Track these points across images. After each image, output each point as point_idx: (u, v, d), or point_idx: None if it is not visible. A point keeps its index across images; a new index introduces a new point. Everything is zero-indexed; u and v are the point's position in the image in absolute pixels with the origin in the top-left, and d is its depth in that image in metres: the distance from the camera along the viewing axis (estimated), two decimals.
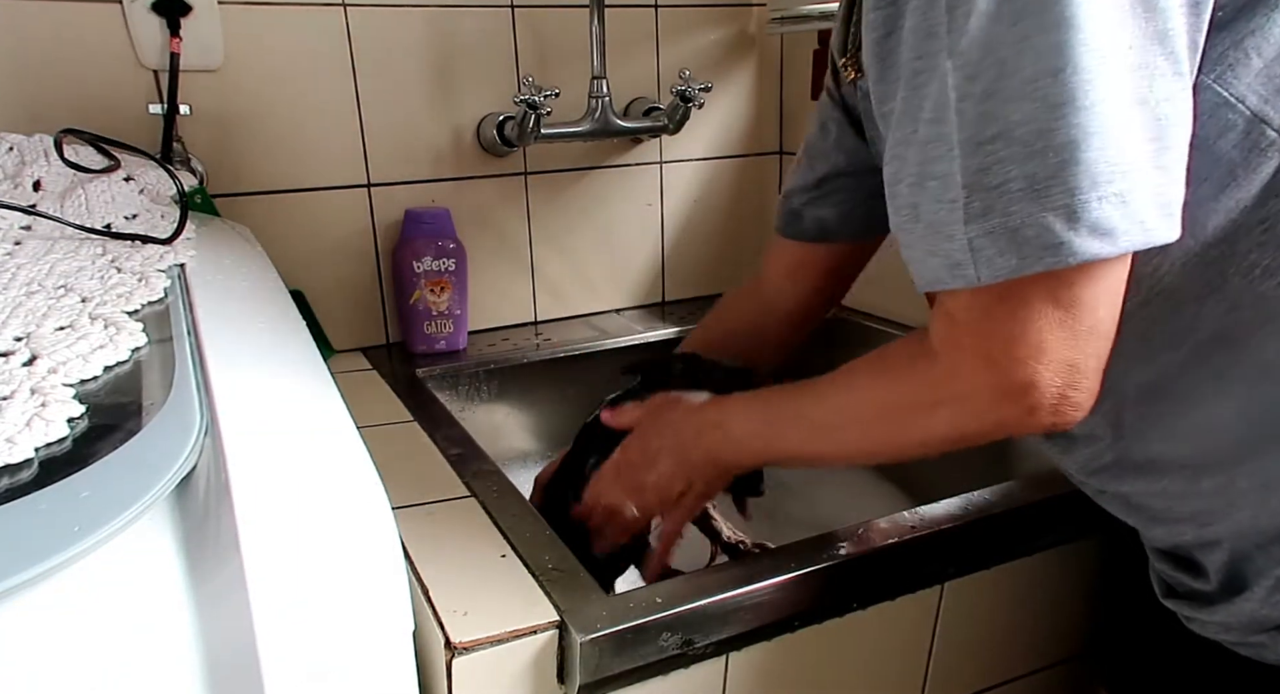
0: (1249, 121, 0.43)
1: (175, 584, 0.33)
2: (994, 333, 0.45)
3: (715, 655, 0.60)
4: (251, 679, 0.32)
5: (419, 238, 1.06)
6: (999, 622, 0.73)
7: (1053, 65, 0.38)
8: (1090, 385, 0.45)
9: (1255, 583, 0.50)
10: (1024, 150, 0.39)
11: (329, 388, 0.46)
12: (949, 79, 0.41)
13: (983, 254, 0.42)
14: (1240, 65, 0.42)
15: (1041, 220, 0.40)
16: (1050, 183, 0.39)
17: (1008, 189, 0.40)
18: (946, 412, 0.50)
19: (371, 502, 0.36)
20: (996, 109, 0.40)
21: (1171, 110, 0.40)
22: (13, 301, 0.51)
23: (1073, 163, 0.39)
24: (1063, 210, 0.39)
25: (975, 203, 0.41)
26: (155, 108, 0.92)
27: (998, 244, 0.41)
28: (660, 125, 1.14)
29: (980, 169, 0.41)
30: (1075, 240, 0.40)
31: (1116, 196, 0.39)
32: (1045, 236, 0.40)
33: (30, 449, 0.34)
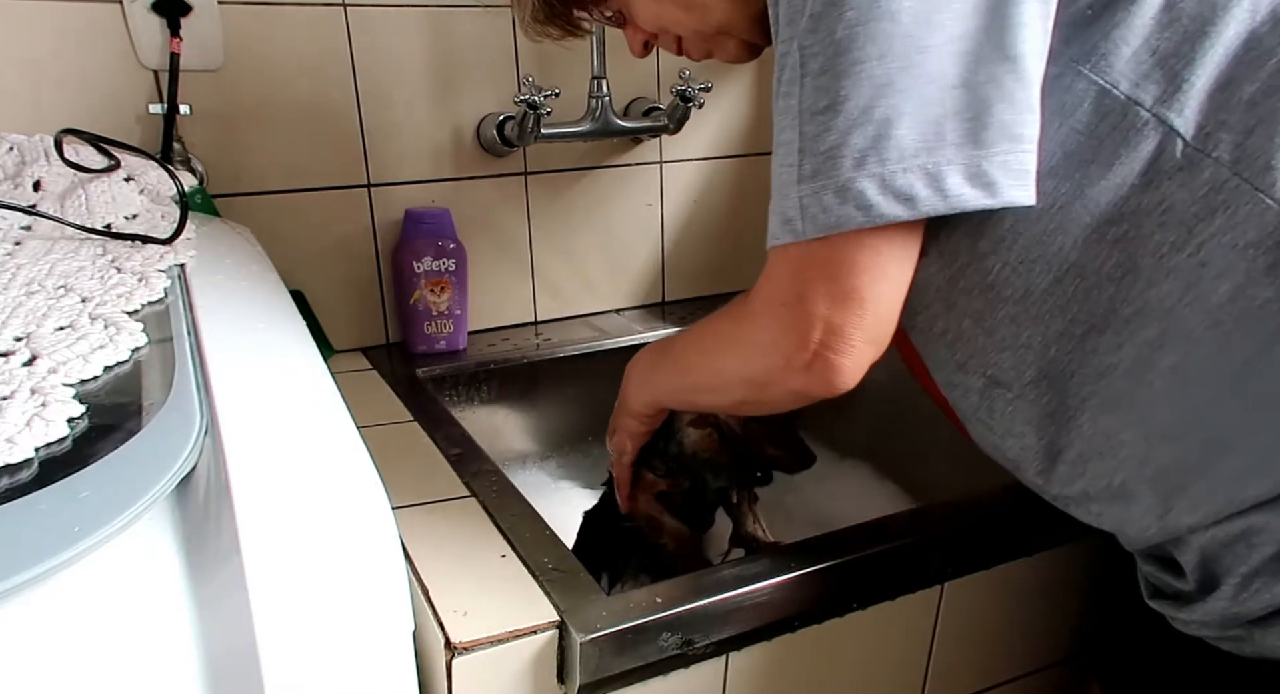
0: (1124, 105, 0.47)
1: (175, 584, 0.33)
2: (779, 284, 0.53)
3: (715, 655, 0.60)
4: (251, 679, 0.32)
5: (419, 238, 1.06)
6: (999, 622, 0.73)
7: (876, 51, 0.45)
8: (854, 357, 0.51)
9: (1224, 581, 0.51)
10: (848, 122, 0.46)
11: (329, 388, 0.46)
12: (797, 57, 0.48)
13: (809, 211, 0.48)
14: (1112, 54, 0.47)
15: (858, 185, 0.46)
16: (868, 153, 0.46)
17: (833, 155, 0.47)
18: (739, 350, 0.58)
19: (371, 502, 0.36)
20: (829, 84, 0.46)
21: (995, 91, 0.45)
22: (13, 302, 0.51)
23: (886, 137, 0.45)
24: (876, 178, 0.46)
25: (807, 165, 0.48)
26: (155, 108, 0.92)
27: (822, 202, 0.48)
28: (660, 125, 1.14)
29: (813, 136, 0.47)
30: (883, 204, 0.46)
31: (921, 168, 0.46)
32: (860, 199, 0.46)
33: (30, 449, 0.34)
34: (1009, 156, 0.46)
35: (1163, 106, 0.47)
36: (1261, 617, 0.50)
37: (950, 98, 0.45)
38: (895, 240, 0.49)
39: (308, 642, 0.33)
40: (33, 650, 0.29)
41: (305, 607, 0.33)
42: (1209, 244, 0.46)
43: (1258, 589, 0.49)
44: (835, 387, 0.53)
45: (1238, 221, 0.45)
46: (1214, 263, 0.46)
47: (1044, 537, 0.71)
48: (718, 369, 0.61)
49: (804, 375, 0.53)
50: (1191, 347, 0.48)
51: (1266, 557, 0.48)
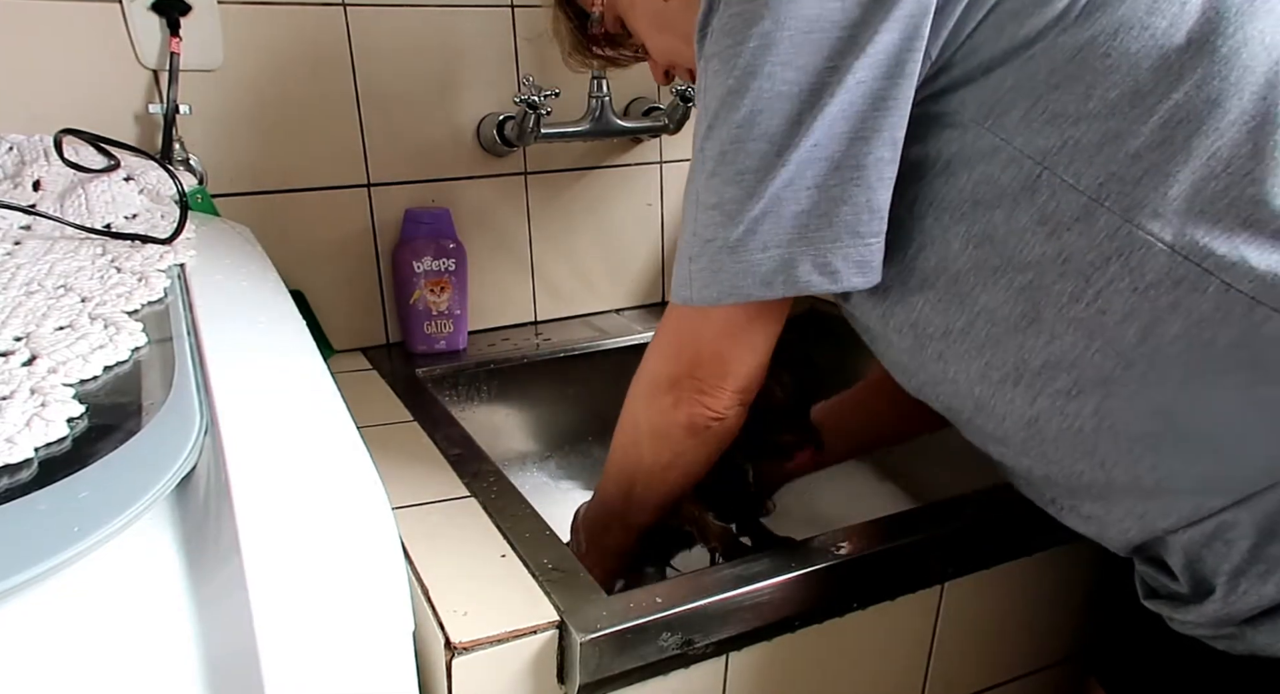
0: (1019, 159, 0.51)
1: (175, 584, 0.33)
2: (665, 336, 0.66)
3: (715, 655, 0.60)
4: (251, 679, 0.32)
5: (419, 238, 1.06)
6: (999, 622, 0.73)
7: (752, 164, 0.53)
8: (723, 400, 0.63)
9: (1214, 582, 0.52)
10: (728, 219, 0.54)
11: (329, 388, 0.46)
12: (698, 157, 0.56)
13: (695, 284, 0.57)
14: (1006, 115, 0.51)
15: (732, 269, 0.55)
16: (741, 245, 0.54)
17: (714, 244, 0.55)
18: (642, 400, 0.68)
19: (371, 502, 0.36)
20: (717, 186, 0.54)
21: (841, 194, 0.52)
22: (12, 301, 0.51)
23: (752, 233, 0.53)
24: (745, 264, 0.54)
25: (696, 247, 0.56)
26: (155, 108, 0.92)
27: (704, 278, 0.56)
28: (660, 125, 1.14)
29: (704, 224, 0.56)
30: (749, 286, 0.54)
31: (779, 259, 0.53)
32: (734, 281, 0.55)
33: (30, 449, 0.34)
34: (849, 250, 0.53)
35: (1052, 161, 0.50)
36: (1251, 617, 0.51)
37: (806, 198, 0.52)
38: (759, 312, 0.59)
39: (308, 642, 0.33)
40: (33, 650, 0.29)
41: (305, 607, 0.33)
42: (1107, 291, 0.49)
43: (1245, 591, 0.50)
44: (710, 419, 0.64)
45: (1133, 266, 0.48)
46: (1115, 308, 0.49)
47: (1044, 537, 0.70)
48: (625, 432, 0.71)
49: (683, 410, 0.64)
50: (1110, 389, 0.50)
51: (1244, 551, 0.50)
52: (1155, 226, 0.48)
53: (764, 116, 0.52)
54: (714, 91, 0.54)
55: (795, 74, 0.51)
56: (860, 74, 0.50)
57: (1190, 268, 0.47)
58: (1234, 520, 0.50)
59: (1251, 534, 0.49)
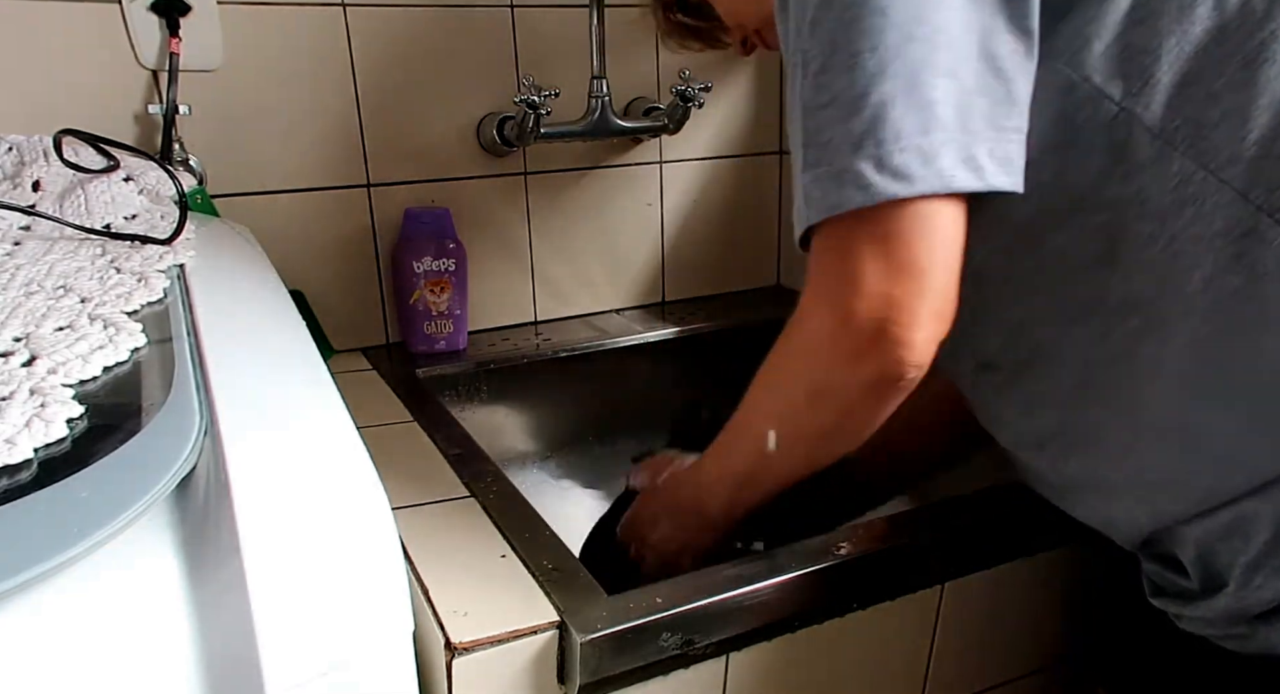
0: (1095, 98, 0.49)
1: (175, 584, 0.33)
2: (826, 273, 0.52)
3: (715, 655, 0.60)
4: (251, 679, 0.32)
5: (419, 238, 1.05)
6: (999, 622, 0.73)
7: (868, 43, 0.47)
8: (923, 330, 0.49)
9: (1227, 576, 0.51)
10: (845, 112, 0.48)
11: (329, 388, 0.46)
12: (800, 61, 0.50)
13: (812, 197, 0.50)
14: (1084, 49, 0.49)
15: (855, 167, 0.48)
16: (864, 138, 0.47)
17: (832, 143, 0.49)
18: (802, 362, 0.55)
19: (371, 502, 0.36)
20: (827, 80, 0.49)
21: (977, 84, 0.47)
22: (12, 302, 0.51)
23: (881, 121, 0.47)
24: (872, 159, 0.47)
25: (810, 155, 0.50)
26: (155, 108, 0.92)
27: (822, 187, 0.49)
28: (660, 125, 1.14)
29: (815, 129, 0.49)
30: (879, 182, 0.47)
31: (916, 149, 0.47)
32: (858, 180, 0.48)
33: (30, 450, 0.34)
34: (993, 145, 0.48)
35: (1131, 100, 0.48)
36: (1264, 612, 0.50)
37: (940, 86, 0.47)
38: (941, 210, 0.49)
39: (308, 642, 0.33)
40: (32, 651, 0.29)
41: (305, 607, 0.33)
42: (1180, 236, 0.48)
43: (1259, 585, 0.49)
44: (907, 364, 0.50)
45: (1204, 213, 0.47)
46: (1185, 254, 0.48)
47: (1044, 537, 0.70)
48: (781, 394, 0.58)
49: (873, 360, 0.50)
50: (1168, 337, 0.49)
51: (1262, 544, 0.49)
52: (1229, 172, 0.46)
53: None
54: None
55: None
56: None
57: (1260, 218, 0.46)
58: (1253, 512, 0.49)
59: (1270, 527, 0.48)
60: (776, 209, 1.33)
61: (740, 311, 1.25)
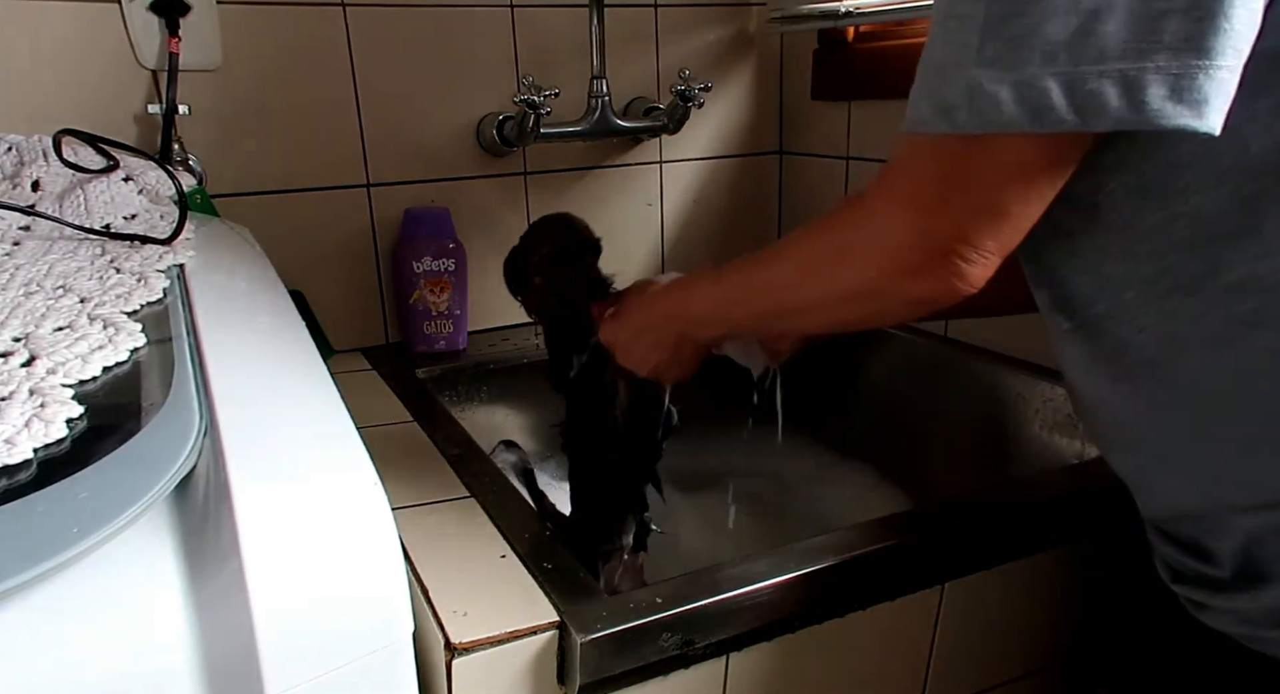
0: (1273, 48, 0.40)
1: (175, 584, 0.33)
2: (914, 180, 0.47)
3: (715, 655, 0.60)
4: (251, 679, 0.32)
5: (419, 238, 1.05)
6: (999, 622, 0.73)
7: None
8: (983, 264, 0.46)
9: (1276, 570, 0.48)
10: (1052, 7, 0.39)
11: (329, 388, 0.46)
12: None
13: (978, 102, 0.42)
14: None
15: (1041, 83, 0.40)
16: (1070, 47, 0.39)
17: (1028, 43, 0.40)
18: (859, 256, 0.51)
19: (371, 502, 0.36)
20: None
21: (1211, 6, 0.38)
22: (11, 302, 0.51)
23: (1092, 33, 0.38)
24: (1064, 78, 0.39)
25: (989, 49, 0.41)
26: (154, 108, 0.92)
27: (995, 95, 0.41)
28: (660, 125, 1.14)
29: (1004, 16, 0.40)
30: (1063, 110, 0.40)
31: (1121, 74, 0.39)
32: (1041, 100, 0.40)
33: (29, 450, 0.34)
34: (1229, 73, 0.39)
35: None
36: None
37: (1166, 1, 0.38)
38: (1063, 151, 0.44)
39: (307, 642, 0.33)
40: (32, 651, 0.29)
41: (305, 607, 0.33)
42: None
43: None
44: (959, 295, 0.48)
45: None
46: None
47: (1044, 537, 0.70)
48: (824, 284, 0.54)
49: (930, 282, 0.48)
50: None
51: None
52: None
53: None
54: None
55: None
56: None
57: None
58: None
59: None
60: (776, 209, 1.33)
61: None
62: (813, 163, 1.25)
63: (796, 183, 1.30)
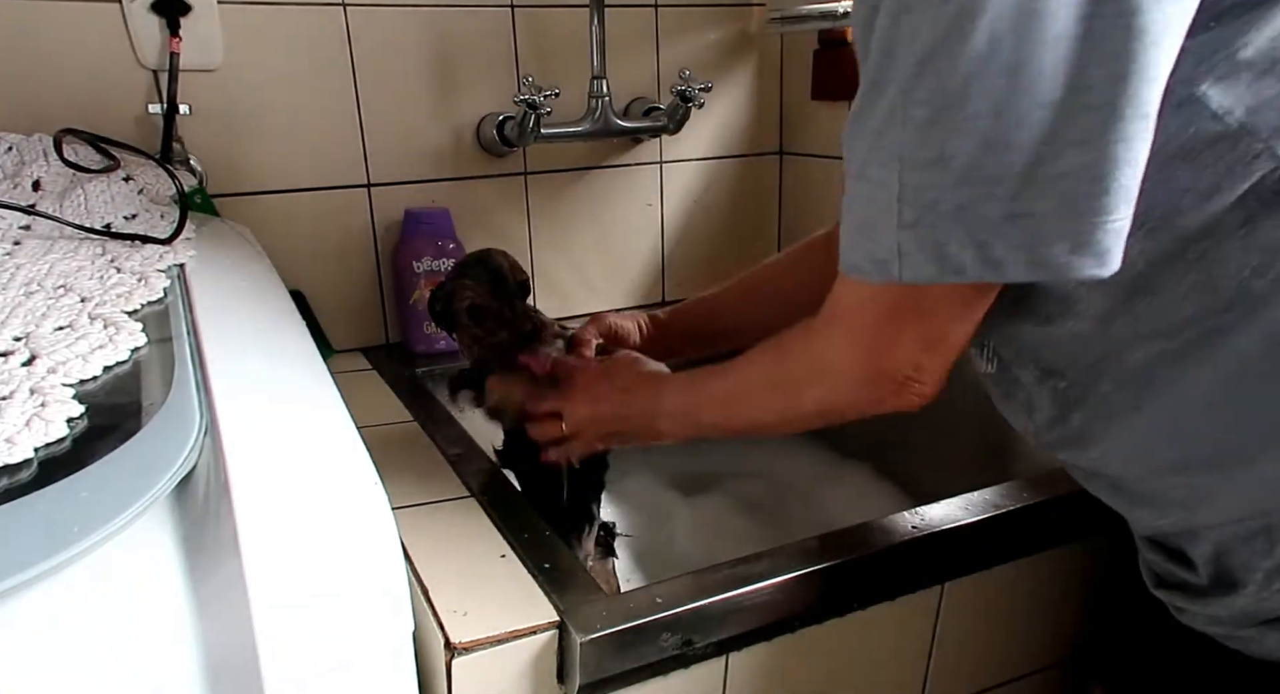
0: (1235, 134, 0.44)
1: (175, 584, 0.33)
2: (865, 325, 0.53)
3: (715, 655, 0.60)
4: (251, 679, 0.32)
5: (419, 238, 1.05)
6: (999, 622, 0.73)
7: (993, 105, 0.41)
8: (936, 378, 0.53)
9: (1245, 578, 0.50)
10: (957, 178, 0.43)
11: (329, 388, 0.46)
12: (899, 100, 0.44)
13: (909, 259, 0.46)
14: (1229, 78, 0.43)
15: (960, 241, 0.44)
16: (974, 210, 0.43)
17: (937, 208, 0.44)
18: (819, 388, 0.57)
19: (371, 502, 0.36)
20: (939, 136, 0.43)
21: (1125, 152, 0.41)
22: (12, 301, 0.51)
23: (993, 197, 0.42)
24: (977, 237, 0.43)
25: (908, 214, 0.45)
26: (155, 108, 0.92)
27: (923, 253, 0.45)
28: (660, 125, 1.14)
29: (917, 187, 0.44)
30: (979, 265, 0.44)
31: (1027, 231, 0.42)
32: (959, 256, 0.44)
33: (30, 449, 0.34)
34: (1121, 222, 0.42)
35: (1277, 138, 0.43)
36: (1276, 617, 0.49)
37: (1070, 156, 0.41)
38: (986, 290, 0.49)
39: (307, 642, 0.33)
40: (33, 650, 0.29)
41: (305, 607, 0.33)
42: None
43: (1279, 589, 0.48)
44: (916, 407, 0.55)
45: None
46: None
47: (1044, 537, 0.70)
48: (792, 405, 0.60)
49: (889, 404, 0.55)
50: (1245, 368, 0.46)
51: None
52: None
53: (1007, 45, 0.40)
54: (928, 14, 0.42)
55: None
56: None
57: None
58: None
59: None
60: (776, 209, 1.33)
61: None
62: (813, 163, 1.25)
63: (796, 183, 1.30)
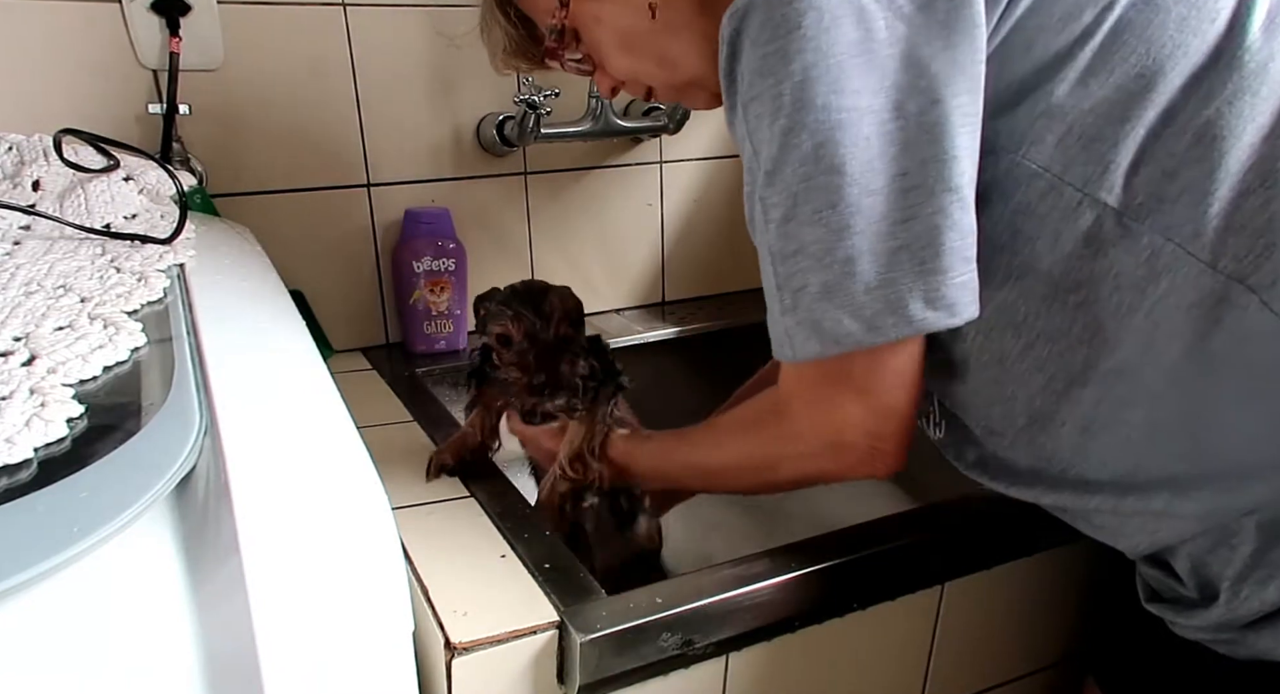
0: (1057, 186, 0.50)
1: (175, 584, 0.33)
2: (815, 404, 0.58)
3: (715, 655, 0.60)
4: (251, 679, 0.32)
5: (419, 238, 1.05)
6: (999, 622, 0.73)
7: (828, 200, 0.48)
8: (896, 443, 0.57)
9: (1219, 587, 0.52)
10: (816, 263, 0.50)
11: (329, 388, 0.46)
12: (760, 207, 0.52)
13: (795, 339, 0.53)
14: (1040, 142, 0.50)
15: (834, 316, 0.50)
16: (837, 288, 0.50)
17: (807, 292, 0.51)
18: (791, 464, 0.62)
19: (371, 502, 0.36)
20: (794, 231, 0.50)
21: (944, 220, 0.48)
22: (12, 301, 0.51)
23: (851, 274, 0.49)
24: (847, 309, 0.50)
25: (786, 299, 0.52)
26: (155, 108, 0.92)
27: (804, 332, 0.52)
28: (660, 125, 1.14)
29: (787, 275, 0.52)
30: (857, 332, 0.50)
31: (885, 298, 0.49)
32: (837, 329, 0.50)
33: (29, 449, 0.34)
34: (964, 277, 0.49)
35: (1093, 186, 0.49)
36: (1252, 621, 0.51)
37: (903, 231, 0.48)
38: (908, 348, 0.53)
39: (307, 642, 0.33)
40: (33, 650, 0.29)
41: (305, 607, 0.33)
42: (1159, 306, 0.48)
43: (1247, 596, 0.50)
44: (889, 469, 0.58)
45: (1178, 284, 0.48)
46: (1165, 324, 0.48)
47: (1044, 537, 0.70)
48: (771, 479, 0.65)
49: (862, 471, 0.59)
50: (1156, 403, 0.50)
51: (1247, 556, 0.50)
52: (1195, 245, 0.47)
53: (829, 149, 0.47)
54: (765, 135, 0.50)
55: (854, 100, 0.47)
56: (934, 92, 0.47)
57: (1231, 286, 0.46)
58: (1237, 527, 0.50)
59: (1254, 539, 0.49)
60: None
61: (740, 312, 1.25)
62: None
63: None
